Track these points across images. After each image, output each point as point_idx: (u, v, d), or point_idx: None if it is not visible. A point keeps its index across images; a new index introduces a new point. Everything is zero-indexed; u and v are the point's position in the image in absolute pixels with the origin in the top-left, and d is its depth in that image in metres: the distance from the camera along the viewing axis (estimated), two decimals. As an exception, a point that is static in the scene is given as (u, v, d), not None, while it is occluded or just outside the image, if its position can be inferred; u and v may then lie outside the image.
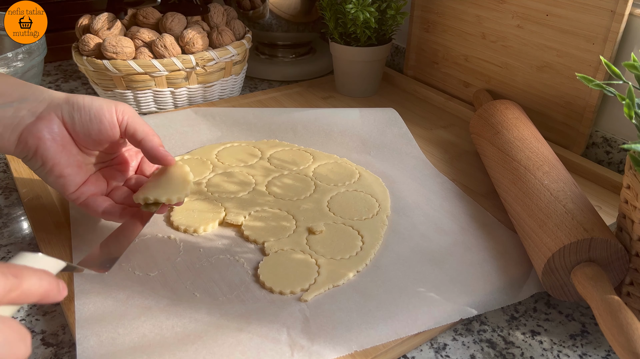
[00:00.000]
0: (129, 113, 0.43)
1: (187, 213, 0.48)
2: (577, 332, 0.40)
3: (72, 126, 0.42)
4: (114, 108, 0.43)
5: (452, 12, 0.73)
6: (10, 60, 0.61)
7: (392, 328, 0.37)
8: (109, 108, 0.42)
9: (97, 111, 0.42)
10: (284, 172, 0.56)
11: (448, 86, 0.77)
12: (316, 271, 0.42)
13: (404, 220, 0.49)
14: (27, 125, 0.40)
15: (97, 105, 0.42)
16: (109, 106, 0.43)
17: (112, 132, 0.43)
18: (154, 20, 0.71)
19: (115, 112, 0.43)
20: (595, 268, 0.38)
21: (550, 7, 0.60)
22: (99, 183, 0.45)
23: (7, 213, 0.51)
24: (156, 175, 0.46)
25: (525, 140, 0.52)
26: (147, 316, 0.37)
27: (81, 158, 0.43)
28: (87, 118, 0.42)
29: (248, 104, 0.73)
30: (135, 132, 0.43)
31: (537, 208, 0.43)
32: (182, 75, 0.68)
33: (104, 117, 0.42)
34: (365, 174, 0.56)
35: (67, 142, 0.42)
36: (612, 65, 0.38)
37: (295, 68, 0.85)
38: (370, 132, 0.63)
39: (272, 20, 0.82)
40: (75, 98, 0.42)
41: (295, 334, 0.36)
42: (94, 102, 0.42)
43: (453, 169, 0.59)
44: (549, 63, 0.63)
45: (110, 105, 0.43)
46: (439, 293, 0.41)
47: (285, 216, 0.49)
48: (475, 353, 0.38)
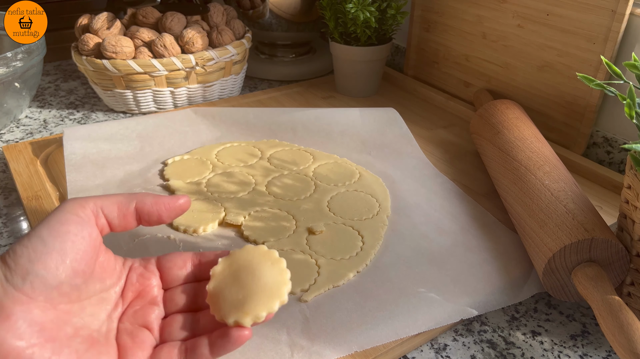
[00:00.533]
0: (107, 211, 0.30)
1: (187, 214, 0.48)
2: (577, 332, 0.40)
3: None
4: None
5: (453, 12, 0.72)
6: (10, 60, 0.61)
7: (392, 329, 0.37)
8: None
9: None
10: (284, 172, 0.56)
11: (448, 86, 0.77)
12: (316, 272, 0.42)
13: (405, 220, 0.49)
14: None
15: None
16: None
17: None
18: (153, 20, 0.71)
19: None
20: (596, 268, 0.38)
21: (551, 6, 0.60)
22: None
23: (7, 213, 0.51)
24: (233, 277, 0.32)
25: (526, 140, 0.52)
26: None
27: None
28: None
29: (248, 104, 0.73)
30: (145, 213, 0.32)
31: (538, 208, 0.43)
32: (181, 74, 0.68)
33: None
34: (365, 174, 0.56)
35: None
36: (612, 65, 0.38)
37: (295, 68, 0.85)
38: (371, 132, 0.63)
39: (272, 20, 0.82)
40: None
41: (295, 335, 0.36)
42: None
43: (453, 169, 0.59)
44: (550, 63, 0.62)
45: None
46: (440, 294, 0.40)
47: (285, 216, 0.49)
48: (476, 353, 0.38)
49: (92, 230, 0.29)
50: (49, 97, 0.77)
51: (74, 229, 0.28)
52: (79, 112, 0.73)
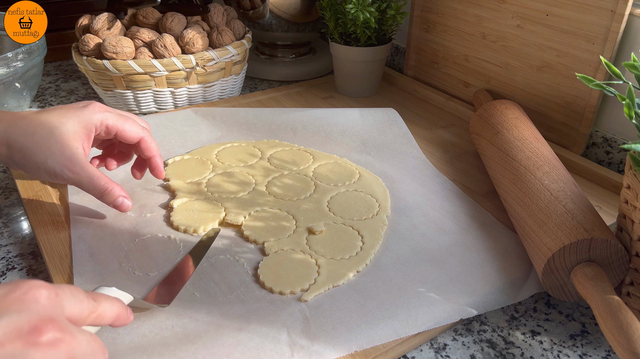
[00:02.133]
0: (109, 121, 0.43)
1: (187, 213, 0.48)
2: (577, 332, 0.40)
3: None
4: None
5: (452, 12, 0.73)
6: (10, 60, 0.61)
7: (392, 328, 0.37)
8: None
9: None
10: (284, 172, 0.56)
11: (448, 86, 0.77)
12: (316, 271, 0.42)
13: (404, 220, 0.49)
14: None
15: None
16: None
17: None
18: (154, 20, 0.71)
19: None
20: (595, 268, 0.38)
21: (550, 7, 0.60)
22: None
23: (7, 213, 0.51)
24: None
25: (526, 140, 0.52)
26: (147, 316, 0.37)
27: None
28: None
29: (248, 104, 0.73)
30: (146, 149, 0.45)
31: (537, 208, 0.43)
32: (182, 75, 0.68)
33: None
34: (365, 174, 0.56)
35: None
36: (612, 65, 0.38)
37: (295, 68, 0.85)
38: (371, 132, 0.63)
39: (272, 20, 0.82)
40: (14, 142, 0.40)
41: (295, 334, 0.36)
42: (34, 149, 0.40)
43: (453, 169, 0.59)
44: (549, 63, 0.63)
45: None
46: (439, 293, 0.40)
47: (285, 216, 0.49)
48: (476, 353, 0.38)
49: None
50: (49, 97, 0.77)
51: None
52: (79, 112, 0.73)
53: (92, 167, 0.43)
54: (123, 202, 0.44)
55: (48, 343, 0.25)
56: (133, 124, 0.45)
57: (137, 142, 0.46)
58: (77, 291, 0.29)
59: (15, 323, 0.25)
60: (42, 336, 0.25)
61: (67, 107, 0.43)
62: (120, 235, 0.46)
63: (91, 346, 0.27)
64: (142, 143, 0.45)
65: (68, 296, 0.28)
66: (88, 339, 0.27)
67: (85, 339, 0.27)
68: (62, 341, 0.25)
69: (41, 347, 0.25)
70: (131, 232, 0.46)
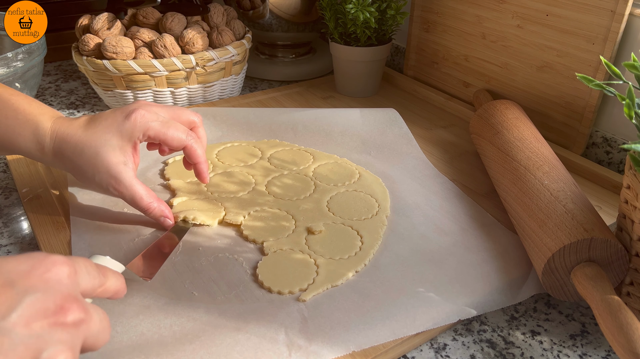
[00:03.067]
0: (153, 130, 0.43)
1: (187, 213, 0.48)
2: (577, 332, 0.40)
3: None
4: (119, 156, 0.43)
5: (452, 12, 0.72)
6: (10, 60, 0.61)
7: (390, 329, 0.37)
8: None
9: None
10: (284, 171, 0.56)
11: (448, 86, 0.77)
12: (315, 271, 0.42)
13: (404, 221, 0.49)
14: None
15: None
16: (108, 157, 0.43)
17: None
18: (154, 20, 0.71)
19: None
20: (595, 268, 0.38)
21: (550, 7, 0.60)
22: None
23: (7, 213, 0.51)
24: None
25: (525, 140, 0.52)
26: (146, 315, 0.37)
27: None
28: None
29: (248, 104, 0.73)
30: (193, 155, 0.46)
31: (537, 208, 0.43)
32: (182, 75, 0.68)
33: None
34: (365, 174, 0.56)
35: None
36: (612, 65, 0.38)
37: (295, 68, 0.85)
38: (371, 132, 0.63)
39: (272, 20, 0.82)
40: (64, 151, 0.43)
41: (293, 334, 0.36)
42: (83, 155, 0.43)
43: (453, 169, 0.59)
44: (549, 63, 0.62)
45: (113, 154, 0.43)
46: (438, 294, 0.40)
47: (284, 216, 0.49)
48: (475, 353, 0.38)
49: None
50: (49, 97, 0.77)
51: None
52: (80, 112, 0.73)
53: (137, 184, 0.43)
54: (165, 221, 0.46)
55: (73, 323, 0.25)
56: (176, 131, 0.44)
57: (181, 149, 0.46)
58: (90, 267, 0.29)
59: (42, 302, 0.25)
60: (67, 317, 0.25)
61: (111, 119, 0.43)
62: (120, 234, 0.46)
63: (102, 324, 0.28)
64: (185, 151, 0.46)
65: (84, 272, 0.29)
66: (101, 317, 0.28)
67: (99, 318, 0.28)
68: (84, 321, 0.26)
69: (66, 327, 0.25)
70: (131, 232, 0.46)
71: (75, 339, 0.25)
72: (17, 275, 0.25)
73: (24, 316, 0.24)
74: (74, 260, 0.28)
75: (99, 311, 0.28)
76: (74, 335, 0.25)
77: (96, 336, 0.27)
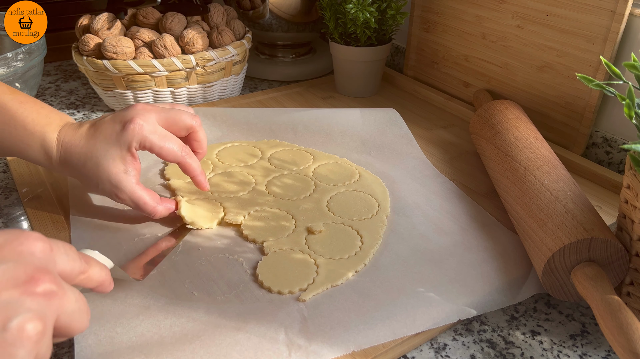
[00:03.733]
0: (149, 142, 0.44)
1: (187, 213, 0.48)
2: (577, 332, 0.40)
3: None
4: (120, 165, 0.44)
5: (452, 12, 0.72)
6: (10, 60, 0.61)
7: (390, 329, 0.37)
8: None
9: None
10: (284, 171, 0.56)
11: (448, 86, 0.77)
12: (315, 271, 0.42)
13: (404, 221, 0.49)
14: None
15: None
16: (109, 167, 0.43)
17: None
18: (154, 20, 0.71)
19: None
20: (595, 268, 0.38)
21: (550, 7, 0.60)
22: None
23: (7, 213, 0.51)
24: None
25: (525, 140, 0.52)
26: (146, 315, 0.37)
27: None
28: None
29: (248, 104, 0.73)
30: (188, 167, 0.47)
31: (537, 208, 0.43)
32: (182, 75, 0.68)
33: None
34: (365, 174, 0.56)
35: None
36: (612, 65, 0.38)
37: (295, 68, 0.85)
38: (371, 132, 0.63)
39: (272, 20, 0.82)
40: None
41: (293, 334, 0.36)
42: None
43: (453, 169, 0.59)
44: (549, 63, 0.62)
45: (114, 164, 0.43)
46: (438, 294, 0.40)
47: (284, 216, 0.49)
48: (476, 353, 0.38)
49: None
50: (49, 97, 0.77)
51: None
52: (80, 112, 0.73)
53: (139, 191, 0.44)
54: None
55: (43, 293, 0.25)
56: (172, 146, 0.45)
57: (176, 163, 0.47)
58: (70, 250, 0.30)
59: (12, 271, 0.25)
60: (37, 286, 0.25)
61: (110, 128, 0.44)
62: (120, 234, 0.46)
63: (79, 304, 0.28)
64: (180, 166, 0.47)
65: (62, 252, 0.29)
66: (77, 297, 0.28)
67: (75, 297, 0.27)
68: (56, 294, 0.26)
69: (36, 297, 0.25)
70: (131, 232, 0.46)
71: (47, 310, 0.25)
72: None
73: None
74: (52, 240, 0.28)
75: (75, 291, 0.28)
76: (44, 306, 0.25)
77: (71, 315, 0.27)
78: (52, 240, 0.28)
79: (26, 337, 0.23)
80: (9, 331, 0.23)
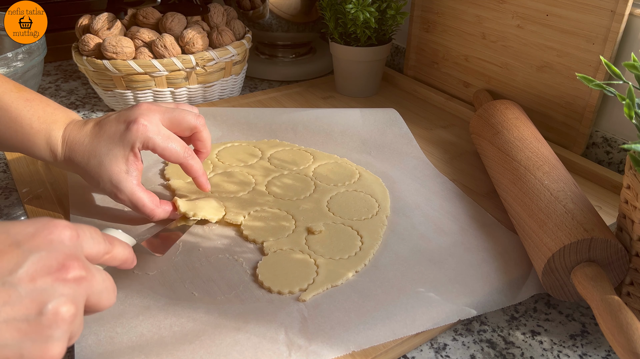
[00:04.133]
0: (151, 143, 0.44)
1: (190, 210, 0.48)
2: (577, 332, 0.40)
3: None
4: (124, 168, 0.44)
5: (452, 12, 0.72)
6: (10, 60, 0.61)
7: (390, 329, 0.37)
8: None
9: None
10: (284, 171, 0.56)
11: (448, 86, 0.77)
12: (315, 271, 0.42)
13: (404, 221, 0.49)
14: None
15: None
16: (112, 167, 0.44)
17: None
18: (154, 20, 0.71)
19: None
20: (595, 268, 0.38)
21: (550, 7, 0.60)
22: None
23: (7, 213, 0.51)
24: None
25: (526, 140, 0.52)
26: (146, 316, 0.37)
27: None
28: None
29: (248, 104, 0.73)
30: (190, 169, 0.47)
31: (537, 208, 0.43)
32: (182, 75, 0.68)
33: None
34: (365, 174, 0.56)
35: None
36: (612, 65, 0.38)
37: (295, 68, 0.85)
38: (371, 132, 0.63)
39: (272, 20, 0.82)
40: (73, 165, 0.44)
41: (293, 334, 0.36)
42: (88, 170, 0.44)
43: (453, 169, 0.59)
44: (549, 63, 0.62)
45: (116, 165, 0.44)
46: (438, 294, 0.40)
47: (284, 216, 0.49)
48: (476, 353, 0.38)
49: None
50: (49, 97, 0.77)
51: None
52: (80, 112, 0.73)
53: (139, 192, 0.44)
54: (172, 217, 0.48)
55: (74, 279, 0.27)
56: (174, 148, 0.45)
57: (178, 164, 0.47)
58: (95, 233, 0.32)
59: (45, 260, 0.27)
60: (69, 273, 0.27)
61: (114, 127, 0.44)
62: (120, 234, 0.46)
63: (105, 284, 0.30)
64: (182, 167, 0.47)
65: (87, 237, 0.31)
66: (104, 277, 0.30)
67: (102, 278, 0.30)
68: (85, 278, 0.28)
69: (68, 282, 0.27)
70: (131, 232, 0.46)
71: (77, 294, 0.27)
72: (23, 236, 0.27)
73: (29, 273, 0.26)
74: (78, 225, 0.30)
75: (102, 272, 0.30)
76: (75, 290, 0.27)
77: (99, 294, 0.29)
78: (78, 225, 0.30)
79: (61, 319, 0.26)
80: (45, 315, 0.26)
